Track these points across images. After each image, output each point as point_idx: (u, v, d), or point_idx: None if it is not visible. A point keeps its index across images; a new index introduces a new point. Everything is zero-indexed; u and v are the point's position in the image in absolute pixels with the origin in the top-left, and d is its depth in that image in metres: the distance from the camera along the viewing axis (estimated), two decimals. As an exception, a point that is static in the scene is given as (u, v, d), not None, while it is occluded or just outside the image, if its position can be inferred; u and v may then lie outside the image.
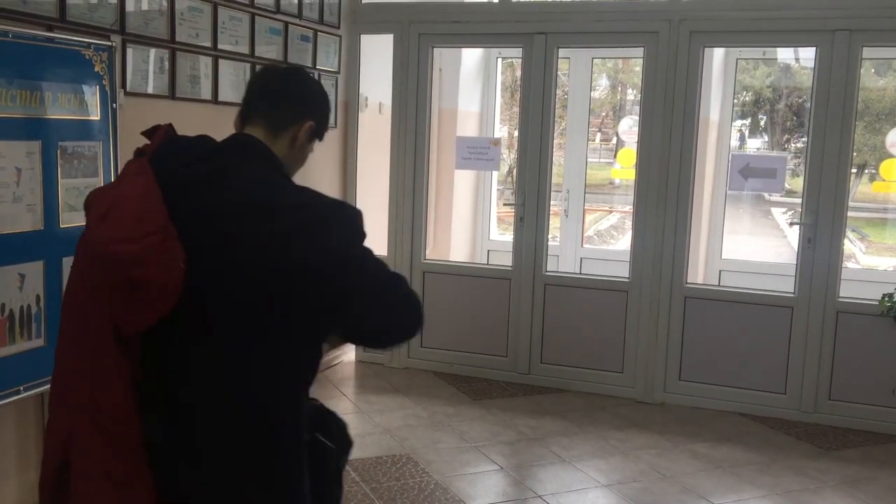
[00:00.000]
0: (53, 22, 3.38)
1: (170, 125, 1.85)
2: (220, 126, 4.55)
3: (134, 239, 1.61)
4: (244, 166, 1.76)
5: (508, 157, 8.86)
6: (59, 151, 3.23)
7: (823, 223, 4.93)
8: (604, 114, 13.46)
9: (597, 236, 11.01)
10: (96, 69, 3.39)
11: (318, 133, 1.93)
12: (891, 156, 7.23)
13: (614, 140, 11.95)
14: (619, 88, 13.34)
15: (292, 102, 1.87)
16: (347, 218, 1.75)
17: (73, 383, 1.74)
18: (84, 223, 1.74)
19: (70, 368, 1.75)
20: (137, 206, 1.66)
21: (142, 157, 1.79)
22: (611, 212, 11.58)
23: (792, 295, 5.06)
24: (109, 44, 3.49)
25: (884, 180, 7.43)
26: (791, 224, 8.12)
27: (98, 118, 3.42)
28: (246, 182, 1.74)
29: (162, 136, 1.82)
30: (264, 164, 1.78)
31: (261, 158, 1.78)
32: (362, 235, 1.77)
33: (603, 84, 13.49)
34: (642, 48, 5.23)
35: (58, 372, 1.78)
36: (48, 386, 3.27)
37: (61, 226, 3.25)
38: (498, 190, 8.49)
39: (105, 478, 1.71)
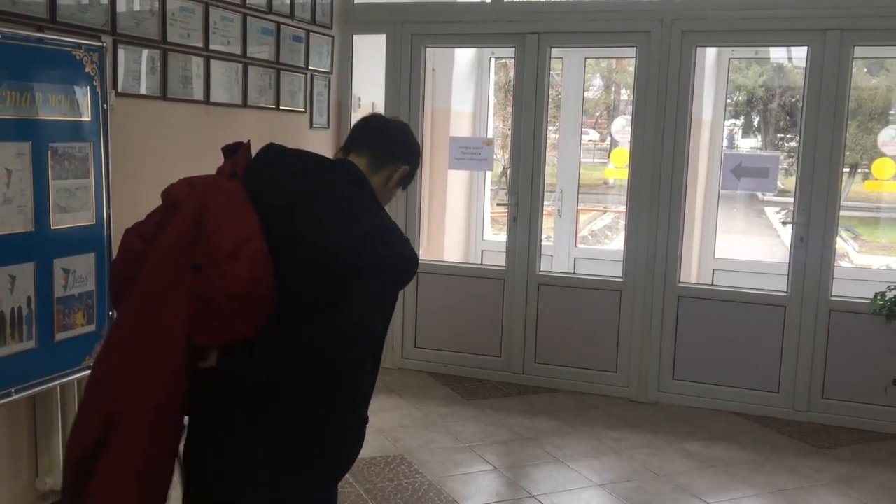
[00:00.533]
0: (44, 23, 3.37)
1: (248, 142, 2.03)
2: (212, 126, 4.57)
3: (268, 280, 1.79)
4: (342, 186, 1.96)
5: (502, 158, 8.86)
6: (49, 152, 3.21)
7: (816, 222, 4.94)
8: (598, 114, 13.46)
9: (591, 236, 11.01)
10: (87, 70, 3.37)
11: (407, 180, 2.16)
12: (883, 155, 7.25)
13: (608, 140, 11.95)
14: (613, 88, 13.33)
15: (397, 146, 2.13)
16: (403, 256, 1.92)
17: (131, 373, 1.82)
18: (75, 224, 1.78)
19: (131, 359, 1.83)
20: (262, 245, 1.81)
21: (235, 179, 1.93)
22: (605, 211, 11.57)
23: (785, 294, 5.07)
24: (100, 44, 3.47)
25: (876, 179, 7.45)
26: (784, 223, 8.14)
27: (89, 119, 3.40)
28: (339, 199, 1.92)
29: (246, 154, 1.99)
30: (359, 189, 1.99)
31: (357, 183, 1.99)
32: (398, 274, 1.92)
33: (597, 84, 13.49)
34: (635, 48, 5.24)
35: (111, 359, 1.87)
36: (40, 388, 3.27)
37: (52, 227, 3.24)
38: (492, 190, 8.49)
39: (131, 468, 1.81)
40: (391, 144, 2.12)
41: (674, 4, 5.15)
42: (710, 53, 7.04)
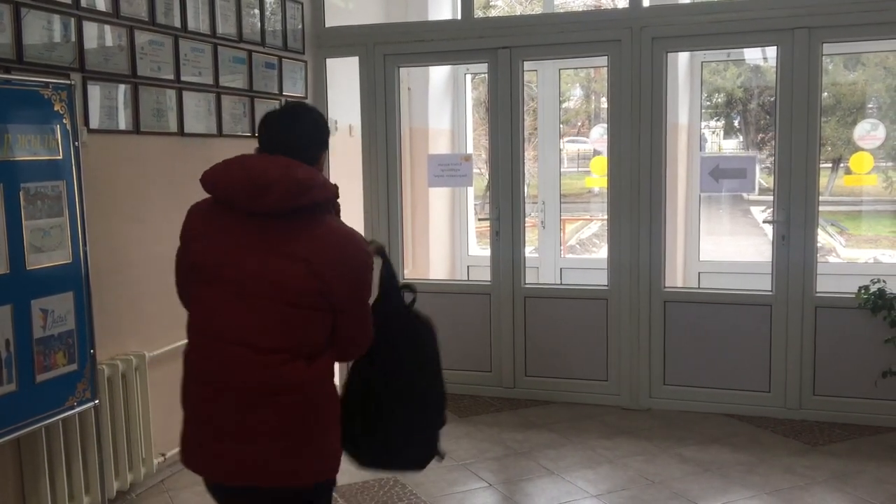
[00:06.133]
0: (10, 63, 3.36)
1: None
2: (188, 158, 4.57)
3: None
4: None
5: (486, 172, 8.88)
6: (21, 193, 3.19)
7: (796, 220, 4.95)
8: (579, 123, 13.53)
9: (579, 245, 11.04)
10: (56, 108, 3.36)
11: None
12: (860, 149, 7.29)
13: (591, 149, 12.01)
14: (593, 97, 13.41)
15: None
16: None
17: None
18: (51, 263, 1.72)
19: None
20: None
21: None
22: (591, 220, 11.60)
23: (770, 293, 5.07)
24: (68, 82, 3.46)
25: (855, 174, 7.49)
26: (765, 222, 8.16)
27: (61, 157, 3.38)
28: None
29: None
30: None
31: None
32: None
33: (577, 94, 13.57)
34: (606, 57, 5.26)
35: None
36: (24, 430, 3.24)
37: (28, 268, 3.21)
38: (476, 205, 8.51)
39: None
40: None
41: (642, 12, 5.18)
42: (683, 58, 7.09)
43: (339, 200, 2.28)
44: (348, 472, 4.26)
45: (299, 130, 2.24)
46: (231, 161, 2.18)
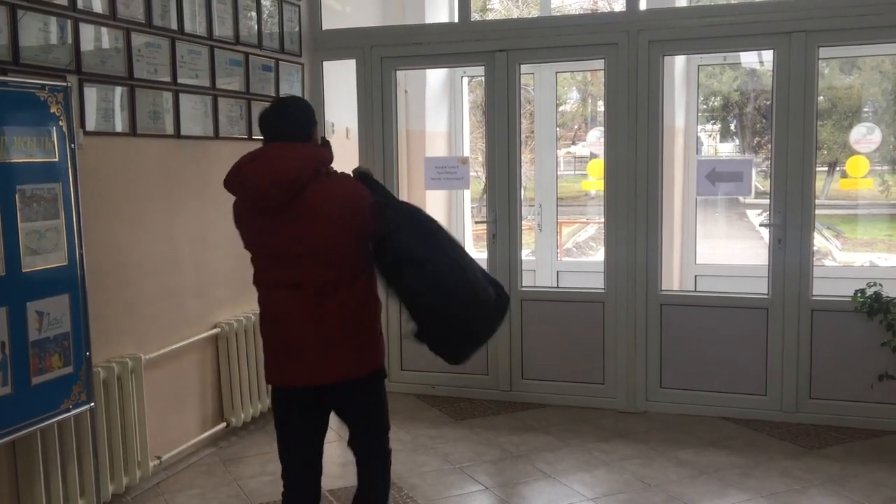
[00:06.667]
0: (6, 65, 3.36)
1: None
2: (185, 160, 4.57)
3: None
4: None
5: (483, 175, 8.87)
6: (17, 195, 3.18)
7: (792, 223, 4.95)
8: (576, 126, 13.53)
9: (576, 248, 11.04)
10: (52, 110, 3.35)
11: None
12: (856, 153, 7.30)
13: (588, 152, 12.02)
14: (590, 100, 13.41)
15: None
16: None
17: None
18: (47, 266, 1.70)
19: None
20: None
21: None
22: (587, 223, 11.61)
23: (766, 296, 5.07)
24: (65, 84, 3.45)
25: (851, 177, 7.50)
26: (761, 225, 8.17)
27: (57, 159, 3.38)
28: None
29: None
30: None
31: None
32: None
33: (574, 97, 13.58)
34: (603, 60, 5.27)
35: None
36: (19, 433, 3.23)
37: (24, 270, 3.20)
38: (473, 207, 8.50)
39: None
40: None
41: (639, 15, 5.19)
42: (679, 61, 7.10)
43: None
44: (342, 477, 4.28)
45: (292, 118, 2.82)
46: (231, 172, 2.78)
